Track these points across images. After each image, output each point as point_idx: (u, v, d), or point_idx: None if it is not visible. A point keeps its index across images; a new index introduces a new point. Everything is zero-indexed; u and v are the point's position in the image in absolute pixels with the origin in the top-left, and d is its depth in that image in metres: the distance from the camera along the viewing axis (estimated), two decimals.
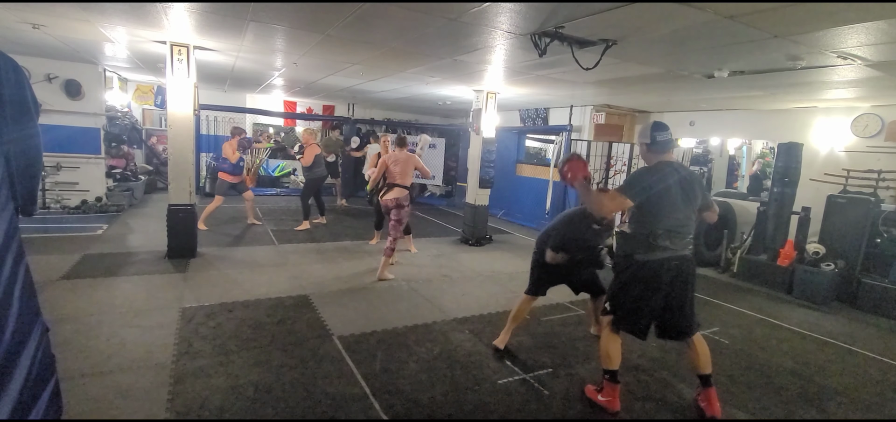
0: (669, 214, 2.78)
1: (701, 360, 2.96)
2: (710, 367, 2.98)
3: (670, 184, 2.76)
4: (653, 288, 2.83)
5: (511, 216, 10.40)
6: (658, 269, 2.80)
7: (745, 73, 4.73)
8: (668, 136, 2.88)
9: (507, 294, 5.18)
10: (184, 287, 4.65)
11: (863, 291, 5.54)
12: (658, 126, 2.90)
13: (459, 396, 3.06)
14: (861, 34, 3.25)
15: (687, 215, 2.84)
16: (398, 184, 5.51)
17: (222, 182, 7.37)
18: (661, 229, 2.77)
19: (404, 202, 5.48)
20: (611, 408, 2.97)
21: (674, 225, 2.78)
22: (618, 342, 2.98)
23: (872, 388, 3.63)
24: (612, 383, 2.97)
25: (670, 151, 2.91)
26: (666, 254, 2.79)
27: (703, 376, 2.99)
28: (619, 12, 3.14)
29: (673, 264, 2.80)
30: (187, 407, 2.71)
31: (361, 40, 4.64)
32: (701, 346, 2.97)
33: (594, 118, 8.86)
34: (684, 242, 2.84)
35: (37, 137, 1.73)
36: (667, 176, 2.79)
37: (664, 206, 2.76)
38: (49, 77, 7.38)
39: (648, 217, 2.79)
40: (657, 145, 2.87)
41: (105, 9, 4.12)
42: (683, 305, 2.88)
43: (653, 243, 2.79)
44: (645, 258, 2.82)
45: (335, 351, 3.53)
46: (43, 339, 1.78)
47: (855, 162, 6.30)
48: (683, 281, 2.85)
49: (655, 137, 2.86)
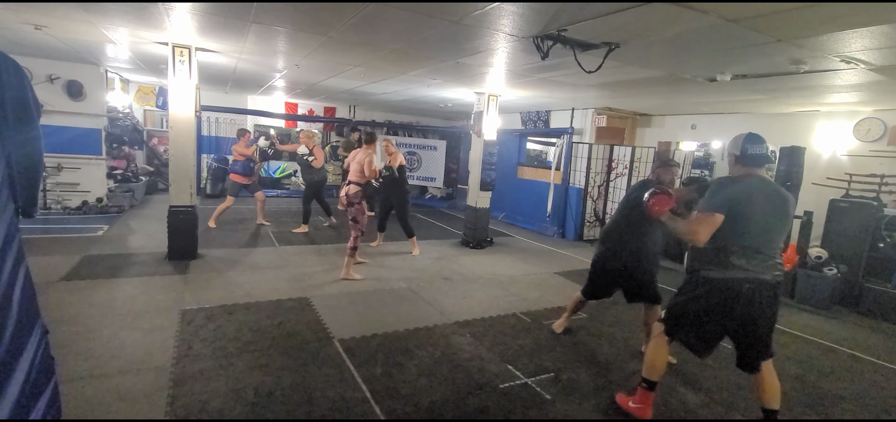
0: (748, 231, 2.49)
1: (766, 393, 2.68)
2: (777, 402, 2.68)
3: (755, 198, 2.49)
4: (717, 310, 2.58)
5: (512, 219, 10.39)
6: (725, 290, 2.54)
7: (747, 77, 4.72)
8: (761, 149, 2.57)
9: (509, 297, 5.16)
10: (184, 289, 4.63)
11: (865, 295, 5.51)
12: (752, 138, 2.59)
13: (460, 400, 3.04)
14: (865, 38, 3.24)
15: (770, 236, 2.53)
16: (352, 181, 5.35)
17: (234, 183, 7.49)
18: (736, 246, 2.49)
19: (355, 199, 5.28)
20: (641, 416, 2.88)
21: (752, 243, 2.49)
22: (665, 351, 2.82)
23: (876, 393, 3.61)
24: (647, 391, 2.85)
25: (762, 167, 2.60)
26: (739, 274, 2.51)
27: (767, 410, 2.71)
28: (622, 16, 3.13)
29: (746, 288, 2.50)
30: (187, 410, 2.69)
31: (364, 42, 4.64)
32: (770, 377, 2.68)
33: (596, 121, 8.86)
34: (766, 266, 2.52)
35: (38, 138, 1.72)
36: (752, 189, 2.52)
37: (742, 221, 2.48)
38: (51, 78, 7.39)
39: (723, 230, 2.50)
40: (747, 159, 2.58)
41: (107, 10, 4.13)
42: (757, 335, 2.61)
43: (724, 260, 2.53)
44: (711, 275, 2.58)
45: (335, 354, 3.52)
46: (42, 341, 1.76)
47: (857, 166, 6.29)
48: (759, 308, 2.54)
49: (747, 149, 2.57)
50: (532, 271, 6.33)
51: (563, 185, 9.02)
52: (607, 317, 4.72)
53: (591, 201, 8.95)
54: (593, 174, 8.81)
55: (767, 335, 2.64)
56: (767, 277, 2.52)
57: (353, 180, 5.34)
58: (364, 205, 5.39)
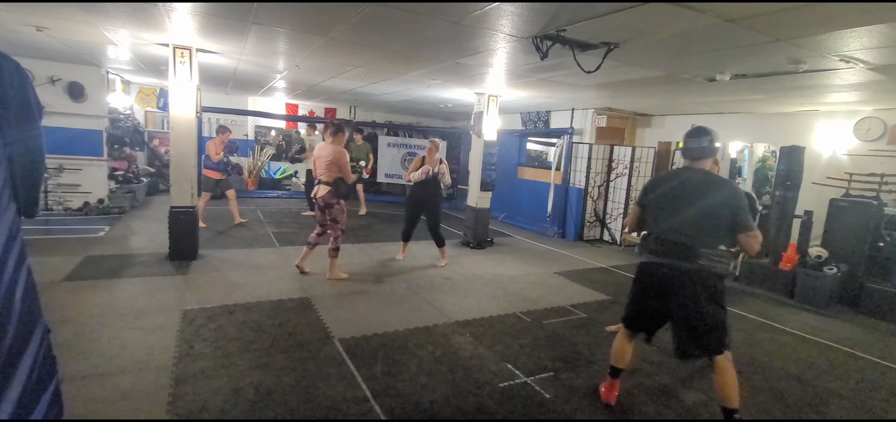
0: (665, 220, 2.71)
1: (719, 391, 2.65)
2: (733, 400, 2.60)
3: (677, 191, 2.69)
4: (644, 290, 2.82)
5: (512, 219, 10.40)
6: (644, 273, 2.82)
7: (747, 77, 4.73)
8: (698, 142, 2.69)
9: (509, 297, 5.17)
10: (185, 289, 4.65)
11: (865, 294, 5.51)
12: (690, 133, 2.75)
13: (460, 399, 3.05)
14: (863, 37, 3.24)
15: (694, 226, 2.60)
16: (321, 180, 5.07)
17: (207, 179, 7.40)
18: (654, 234, 2.77)
19: (331, 200, 5.03)
20: (606, 399, 3.07)
21: (670, 232, 2.66)
22: (621, 337, 3.03)
23: (875, 392, 3.61)
24: (613, 378, 3.08)
25: (702, 159, 2.70)
26: (655, 259, 2.72)
27: (724, 409, 2.65)
28: (621, 16, 3.14)
29: (662, 272, 2.66)
30: (188, 409, 2.71)
31: (364, 43, 4.65)
32: (719, 375, 2.61)
33: (596, 121, 8.86)
34: (688, 254, 2.59)
35: (39, 138, 1.73)
36: (666, 181, 2.82)
37: (661, 211, 2.75)
38: (52, 79, 7.41)
39: (647, 220, 2.86)
40: (685, 153, 2.77)
41: (108, 11, 4.14)
42: (676, 321, 2.66)
43: (647, 246, 2.82)
44: (640, 259, 2.91)
45: (336, 353, 3.53)
46: (44, 340, 1.78)
47: (857, 165, 6.29)
48: (674, 294, 2.63)
49: (686, 143, 2.76)
50: (532, 271, 6.34)
51: (563, 185, 9.02)
52: (606, 318, 4.73)
53: (592, 202, 8.95)
54: (593, 174, 8.81)
55: (693, 326, 2.59)
56: (688, 265, 2.59)
57: (322, 179, 5.03)
58: (342, 203, 5.13)
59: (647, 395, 3.28)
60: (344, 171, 5.03)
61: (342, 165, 5.01)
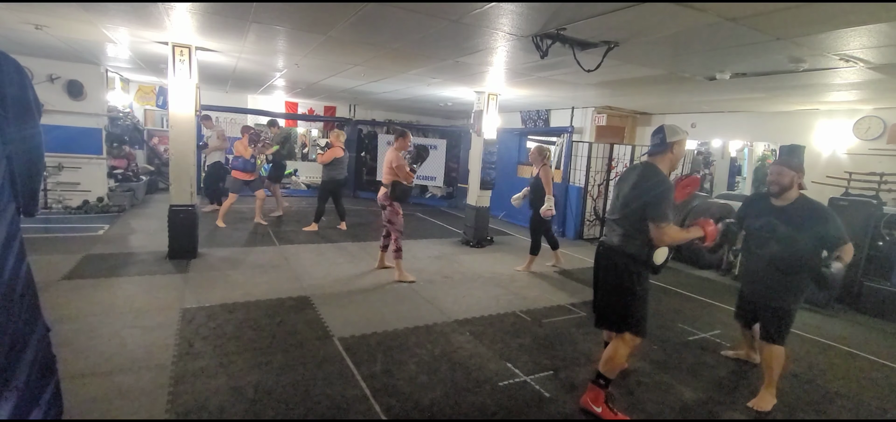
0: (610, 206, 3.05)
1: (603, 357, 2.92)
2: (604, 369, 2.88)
3: (621, 180, 3.00)
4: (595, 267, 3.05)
5: (512, 218, 10.39)
6: (598, 249, 3.06)
7: (747, 76, 4.72)
8: (655, 138, 2.87)
9: (508, 295, 5.17)
10: (185, 288, 4.65)
11: (865, 294, 5.51)
12: (654, 131, 2.92)
13: (460, 397, 3.05)
14: (863, 36, 3.24)
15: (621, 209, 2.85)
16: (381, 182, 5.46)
17: (235, 180, 7.58)
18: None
19: (384, 202, 5.36)
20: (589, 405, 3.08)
21: (609, 216, 3.01)
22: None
23: (874, 391, 3.61)
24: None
25: (659, 154, 2.84)
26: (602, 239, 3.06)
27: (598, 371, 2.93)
28: (621, 14, 3.14)
29: (600, 250, 3.00)
30: (187, 408, 2.71)
31: (363, 42, 4.64)
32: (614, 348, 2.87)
33: (596, 120, 8.85)
34: (612, 233, 2.90)
35: (39, 137, 1.73)
36: (626, 173, 3.05)
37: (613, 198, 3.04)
38: (51, 78, 7.40)
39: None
40: (649, 148, 2.95)
41: (107, 9, 4.13)
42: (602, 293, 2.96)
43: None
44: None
45: (335, 352, 3.53)
46: (44, 339, 1.78)
47: (857, 165, 6.29)
48: (597, 267, 3.00)
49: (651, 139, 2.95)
50: (532, 270, 6.34)
51: (563, 184, 9.02)
52: None
53: (591, 200, 8.95)
54: (593, 173, 8.81)
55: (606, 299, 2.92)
56: (611, 241, 2.90)
57: (382, 182, 5.40)
58: (396, 206, 5.34)
59: (646, 393, 3.28)
60: (400, 173, 5.25)
61: (397, 167, 5.23)
